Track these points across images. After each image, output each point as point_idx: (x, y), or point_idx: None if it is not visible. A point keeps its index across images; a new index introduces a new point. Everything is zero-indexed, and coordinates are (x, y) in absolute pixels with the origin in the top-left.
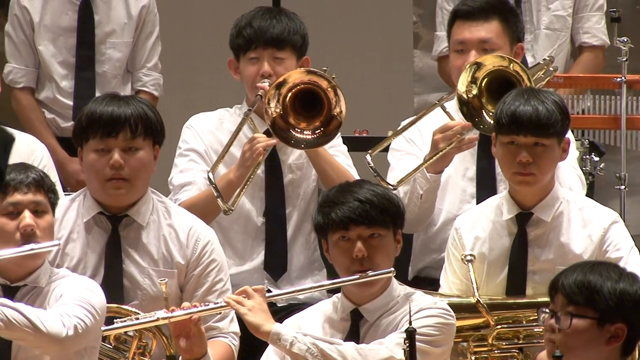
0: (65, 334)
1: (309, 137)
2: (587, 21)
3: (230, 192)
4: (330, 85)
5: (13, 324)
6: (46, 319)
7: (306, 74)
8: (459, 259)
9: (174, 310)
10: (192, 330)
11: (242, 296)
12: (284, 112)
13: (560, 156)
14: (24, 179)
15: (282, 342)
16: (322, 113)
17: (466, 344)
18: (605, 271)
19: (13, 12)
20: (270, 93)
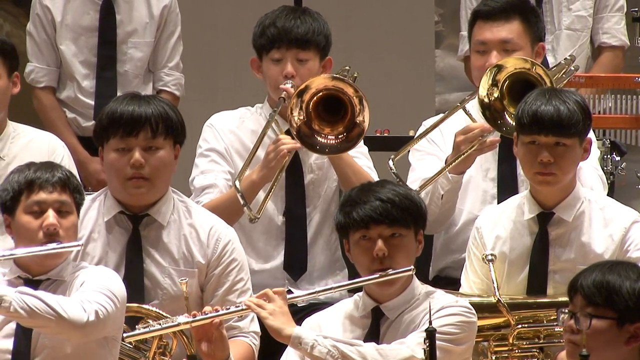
0: (86, 320)
1: (333, 142)
2: (607, 22)
3: (253, 194)
4: (356, 94)
5: (35, 311)
6: (67, 306)
7: (331, 79)
8: (479, 259)
9: (195, 315)
10: (214, 335)
11: (263, 299)
12: (307, 118)
13: (581, 156)
14: (50, 178)
15: (303, 346)
16: (345, 118)
17: (487, 343)
18: (624, 271)
19: (35, 11)
20: (293, 102)
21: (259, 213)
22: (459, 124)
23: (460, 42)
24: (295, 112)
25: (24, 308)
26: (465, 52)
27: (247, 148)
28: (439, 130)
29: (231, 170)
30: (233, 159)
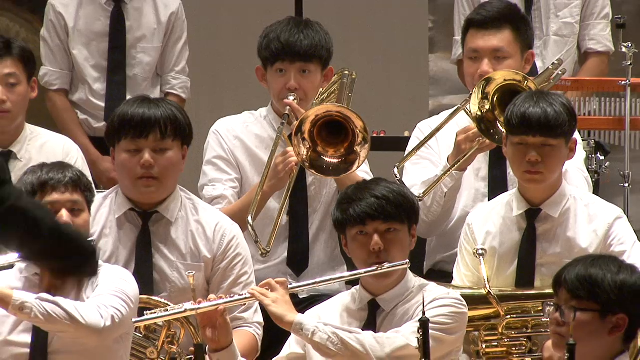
0: (103, 325)
1: (336, 162)
2: (594, 28)
3: (263, 203)
4: (363, 131)
5: (53, 317)
6: (84, 311)
7: (337, 106)
8: (471, 253)
9: (200, 302)
10: (219, 321)
11: (266, 288)
12: (312, 145)
13: (567, 156)
14: (62, 179)
15: (304, 332)
16: (346, 142)
17: (477, 333)
18: (606, 265)
19: (48, 17)
20: (295, 140)
21: (268, 247)
22: (451, 128)
23: (454, 47)
24: (301, 147)
25: (43, 314)
26: (458, 56)
27: (252, 152)
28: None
29: (237, 177)
30: (239, 163)
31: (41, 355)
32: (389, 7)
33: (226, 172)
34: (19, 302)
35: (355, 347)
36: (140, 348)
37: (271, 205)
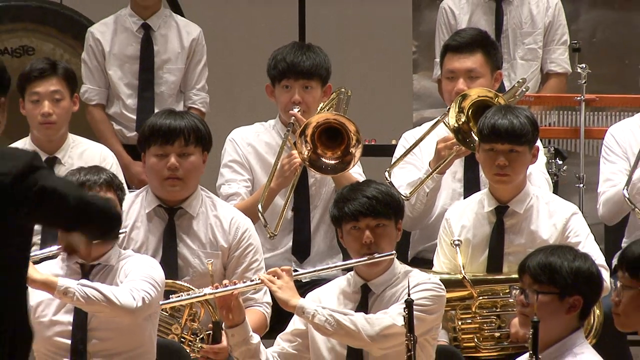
0: (135, 306)
1: (333, 163)
2: (554, 53)
3: (271, 199)
4: (356, 133)
5: (92, 299)
6: (119, 294)
7: (334, 115)
8: (448, 244)
9: (218, 287)
10: (233, 303)
11: (273, 276)
12: (313, 147)
13: (531, 160)
14: (97, 180)
15: (305, 315)
16: (342, 145)
17: (454, 312)
18: (563, 253)
19: (88, 43)
20: (299, 142)
21: (276, 231)
22: (432, 138)
23: (434, 68)
24: (303, 148)
25: (83, 297)
26: (438, 76)
27: (262, 157)
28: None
29: (250, 178)
30: (251, 167)
31: (81, 332)
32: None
33: (240, 173)
34: (63, 287)
35: (348, 327)
36: (166, 325)
37: (278, 202)
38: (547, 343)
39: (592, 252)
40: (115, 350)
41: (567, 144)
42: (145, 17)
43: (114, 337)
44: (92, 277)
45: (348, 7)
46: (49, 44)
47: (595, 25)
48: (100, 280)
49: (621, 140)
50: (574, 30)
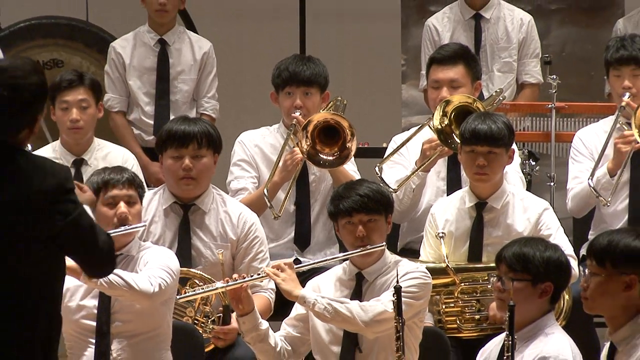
0: (152, 291)
1: (330, 159)
2: (527, 65)
3: (275, 191)
4: (350, 129)
5: (114, 285)
6: (138, 281)
7: (330, 114)
8: (433, 236)
9: (228, 281)
10: (243, 294)
11: (277, 269)
12: (312, 143)
13: (507, 161)
14: (120, 179)
15: (306, 304)
16: (339, 142)
17: (439, 297)
18: (535, 245)
19: (110, 56)
20: (300, 135)
21: (280, 212)
22: (418, 140)
23: (421, 79)
24: (303, 142)
25: (107, 283)
26: (424, 86)
27: (267, 157)
28: (405, 145)
29: (256, 175)
30: (257, 165)
31: (105, 315)
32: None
33: (248, 171)
34: None
35: (345, 314)
36: (181, 308)
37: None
38: (521, 324)
39: (562, 243)
40: (136, 332)
41: (540, 147)
42: (162, 33)
43: (134, 320)
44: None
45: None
46: (76, 57)
47: (565, 41)
48: (122, 268)
49: (587, 142)
50: (545, 45)
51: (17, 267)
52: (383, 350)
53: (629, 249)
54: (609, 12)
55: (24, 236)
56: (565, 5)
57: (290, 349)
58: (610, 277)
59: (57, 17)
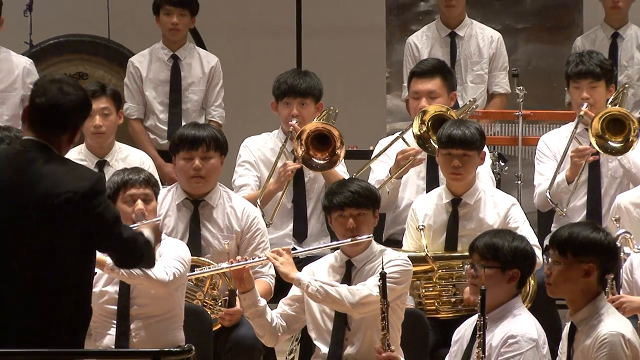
0: (167, 280)
1: (322, 163)
2: (497, 77)
3: (270, 197)
4: (340, 138)
5: (133, 274)
6: (155, 271)
7: (321, 124)
8: (414, 228)
9: (232, 262)
10: (245, 275)
11: (276, 254)
12: (306, 149)
13: (479, 162)
14: (138, 179)
15: (301, 285)
16: (330, 148)
17: (419, 282)
18: (504, 236)
19: (129, 70)
20: (295, 143)
21: (271, 220)
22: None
23: (403, 90)
24: (298, 148)
25: (127, 273)
26: (406, 97)
27: (268, 159)
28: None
29: (258, 175)
30: (259, 167)
31: (125, 299)
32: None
33: (250, 171)
34: (111, 264)
35: (334, 296)
36: (192, 292)
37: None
38: (492, 306)
39: (528, 235)
40: (152, 314)
41: (508, 150)
42: (174, 50)
43: (151, 303)
44: None
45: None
46: (99, 70)
47: (530, 56)
48: None
49: (551, 145)
50: (513, 60)
51: (53, 257)
52: (369, 329)
53: (587, 240)
54: (569, 30)
55: (57, 229)
56: (530, 24)
57: (285, 325)
58: (571, 265)
59: (82, 35)
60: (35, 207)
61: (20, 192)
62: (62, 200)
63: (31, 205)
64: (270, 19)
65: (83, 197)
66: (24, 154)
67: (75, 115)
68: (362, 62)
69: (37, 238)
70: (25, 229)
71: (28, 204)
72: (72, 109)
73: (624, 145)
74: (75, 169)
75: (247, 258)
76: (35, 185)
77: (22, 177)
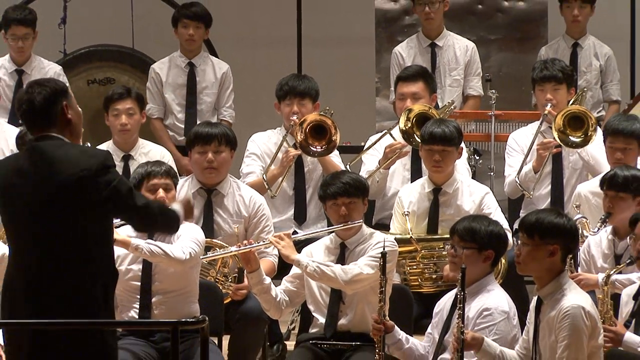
0: (184, 258)
1: (320, 150)
2: (472, 82)
3: (274, 180)
4: (333, 125)
5: (154, 253)
6: (174, 250)
7: (319, 115)
8: (400, 214)
9: (241, 246)
10: (251, 257)
11: (279, 238)
12: (305, 137)
13: (457, 156)
14: (159, 171)
15: (300, 266)
16: (326, 137)
17: (404, 261)
18: (480, 220)
19: (151, 75)
20: (297, 129)
21: (276, 193)
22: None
23: (390, 94)
24: (299, 135)
25: (149, 251)
26: (392, 99)
27: (272, 152)
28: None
29: (263, 165)
30: (264, 158)
31: (148, 276)
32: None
33: (256, 161)
34: (135, 244)
35: (329, 275)
36: (206, 270)
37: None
38: (468, 282)
39: (500, 219)
40: (171, 289)
41: (482, 145)
42: (190, 58)
43: (170, 280)
44: (155, 238)
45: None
46: (125, 76)
47: (501, 63)
48: (160, 240)
49: (519, 141)
50: (486, 67)
51: (78, 229)
52: (361, 302)
53: (552, 225)
54: (535, 41)
55: (79, 204)
56: (501, 36)
57: (288, 300)
58: (538, 246)
59: (110, 45)
60: (56, 187)
61: (40, 177)
62: (78, 177)
63: (53, 186)
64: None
65: (96, 173)
66: (35, 147)
67: (49, 107)
68: (355, 68)
69: (61, 214)
70: (50, 208)
71: (50, 186)
72: (42, 103)
73: (583, 140)
74: (84, 150)
75: (253, 242)
76: (52, 168)
77: (39, 164)
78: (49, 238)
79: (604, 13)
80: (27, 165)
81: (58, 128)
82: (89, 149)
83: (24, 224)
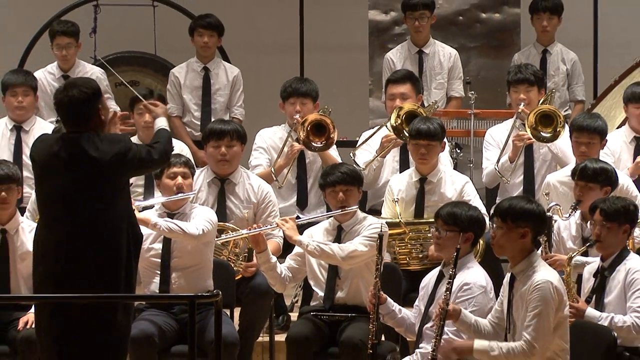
0: (198, 234)
1: (319, 145)
2: (454, 84)
3: (280, 171)
4: (332, 124)
5: (172, 230)
6: (189, 227)
7: (319, 115)
8: (391, 200)
9: (251, 229)
10: (260, 238)
11: (284, 221)
12: (307, 134)
13: (440, 150)
14: (179, 161)
15: (302, 245)
16: (325, 134)
17: (394, 242)
18: (461, 206)
19: (171, 78)
20: (299, 127)
21: (282, 183)
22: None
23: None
24: (301, 132)
25: (167, 228)
26: (384, 100)
27: (277, 146)
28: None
29: (269, 157)
30: (270, 151)
31: (167, 253)
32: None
33: (263, 154)
34: (154, 222)
35: (328, 252)
36: (219, 250)
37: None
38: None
39: (479, 205)
40: (188, 265)
41: (463, 140)
42: (205, 63)
43: (187, 257)
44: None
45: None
46: (148, 79)
47: (480, 68)
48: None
49: (495, 137)
50: (467, 71)
51: (111, 202)
52: (355, 277)
53: (523, 210)
54: (509, 49)
55: (107, 182)
56: (480, 44)
57: (291, 276)
58: (511, 229)
59: (134, 52)
60: (88, 170)
61: (72, 161)
62: (107, 160)
63: (85, 169)
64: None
65: (121, 155)
66: (66, 136)
67: (86, 109)
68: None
69: (93, 192)
70: (83, 189)
71: (82, 169)
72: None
73: (552, 135)
74: (108, 137)
75: (261, 225)
76: (83, 155)
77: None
78: (81, 213)
79: (570, 23)
80: (57, 148)
81: (91, 127)
82: (114, 135)
83: (59, 200)
